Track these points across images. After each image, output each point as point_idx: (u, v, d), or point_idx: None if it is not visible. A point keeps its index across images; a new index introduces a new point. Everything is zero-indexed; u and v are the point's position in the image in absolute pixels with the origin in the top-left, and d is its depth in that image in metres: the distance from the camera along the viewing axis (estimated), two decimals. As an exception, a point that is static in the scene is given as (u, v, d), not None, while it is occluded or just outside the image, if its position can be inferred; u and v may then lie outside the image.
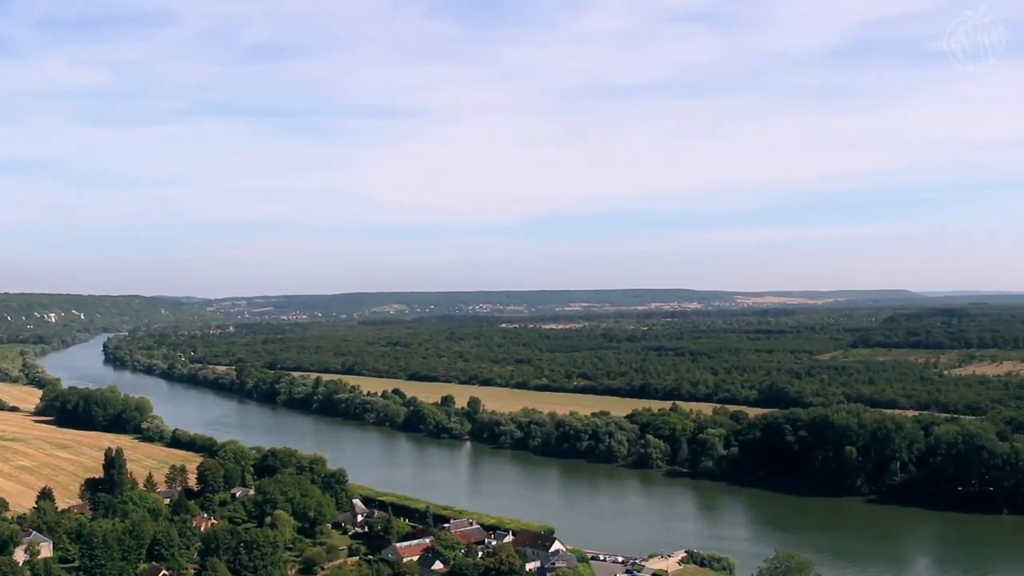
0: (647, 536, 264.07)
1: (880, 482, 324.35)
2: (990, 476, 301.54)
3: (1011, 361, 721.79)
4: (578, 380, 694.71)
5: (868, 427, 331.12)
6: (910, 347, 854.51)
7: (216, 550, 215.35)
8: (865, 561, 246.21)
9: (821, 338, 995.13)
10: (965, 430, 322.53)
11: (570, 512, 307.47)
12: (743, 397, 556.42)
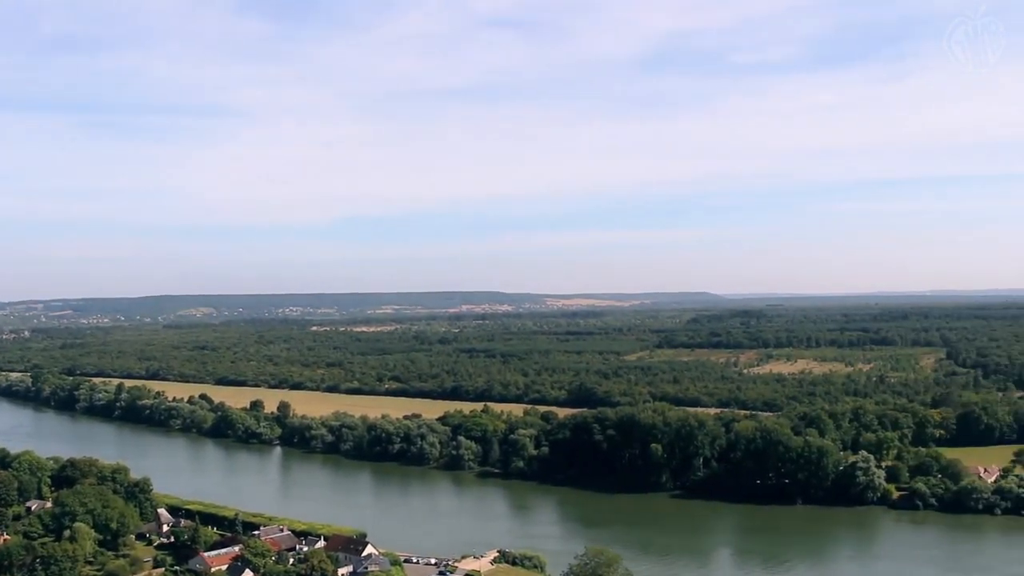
0: (460, 537, 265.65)
1: (684, 478, 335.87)
2: (786, 469, 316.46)
3: (804, 360, 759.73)
4: (390, 383, 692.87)
5: (673, 425, 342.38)
6: (712, 347, 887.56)
7: (10, 567, 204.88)
8: (672, 554, 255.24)
9: (628, 339, 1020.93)
10: (763, 426, 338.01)
11: (383, 515, 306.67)
12: (553, 398, 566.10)
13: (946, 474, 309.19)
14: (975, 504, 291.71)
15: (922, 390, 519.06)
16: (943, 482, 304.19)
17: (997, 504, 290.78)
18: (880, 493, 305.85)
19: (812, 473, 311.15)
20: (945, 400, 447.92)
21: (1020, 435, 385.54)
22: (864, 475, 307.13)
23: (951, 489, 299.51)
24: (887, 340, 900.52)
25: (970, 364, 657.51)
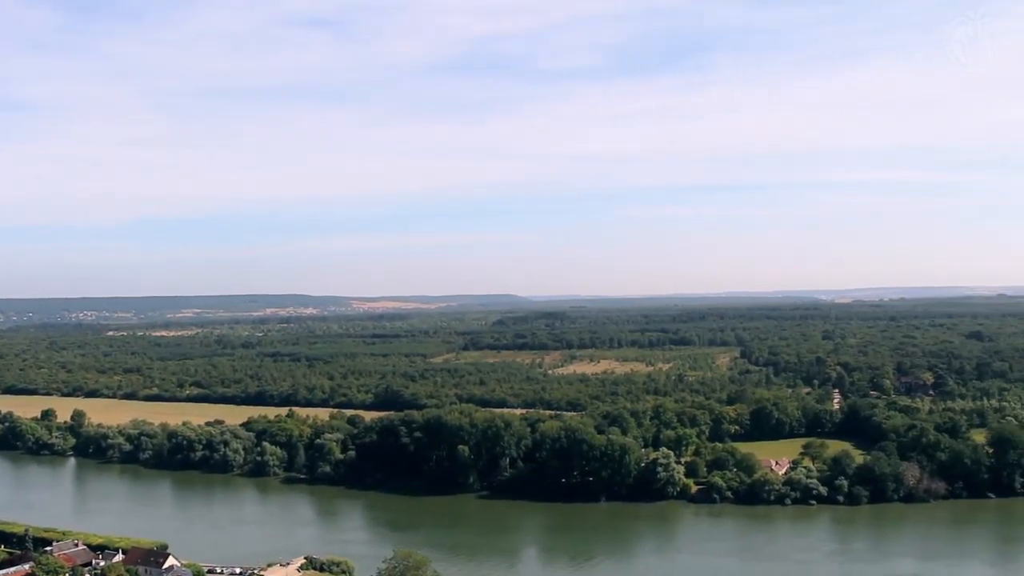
0: (265, 545, 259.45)
1: (492, 478, 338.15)
2: (590, 467, 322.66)
3: (607, 360, 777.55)
4: (191, 388, 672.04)
5: (479, 426, 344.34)
6: (517, 348, 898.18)
7: None
8: (481, 554, 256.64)
9: (434, 341, 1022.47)
10: (567, 425, 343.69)
11: (185, 526, 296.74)
12: (360, 401, 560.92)
13: (741, 468, 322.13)
14: (767, 496, 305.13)
15: (718, 388, 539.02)
16: (738, 475, 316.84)
17: (788, 495, 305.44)
18: (680, 488, 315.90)
19: (615, 470, 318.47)
20: (740, 397, 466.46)
21: (808, 429, 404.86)
22: (664, 471, 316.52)
23: (746, 482, 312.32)
24: (685, 340, 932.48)
25: (762, 362, 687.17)
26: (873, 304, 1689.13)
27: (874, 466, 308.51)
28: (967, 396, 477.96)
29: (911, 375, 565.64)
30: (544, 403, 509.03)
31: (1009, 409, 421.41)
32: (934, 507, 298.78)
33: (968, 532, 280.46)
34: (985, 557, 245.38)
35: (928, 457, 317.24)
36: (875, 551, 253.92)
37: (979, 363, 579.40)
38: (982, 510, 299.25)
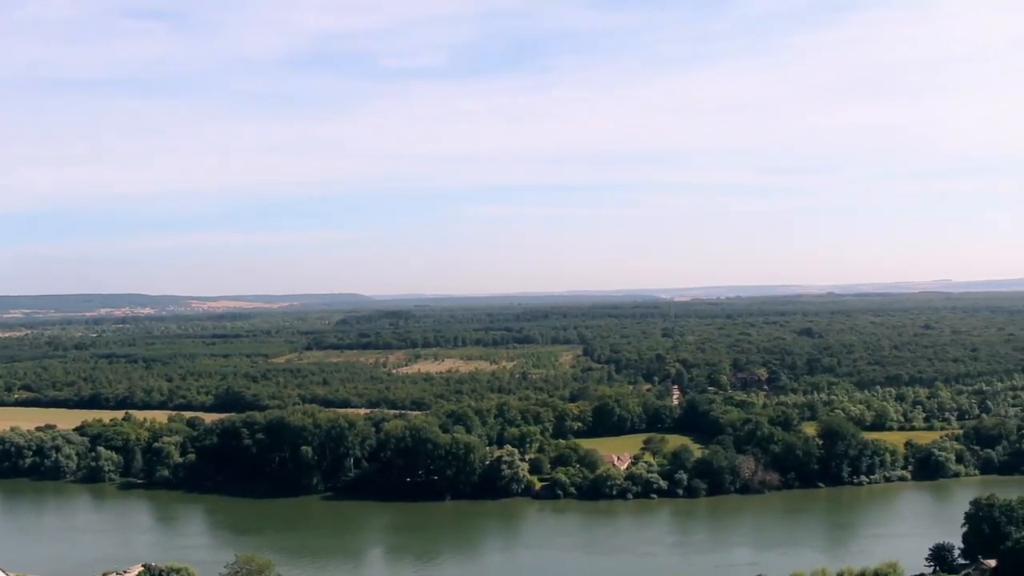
0: (100, 553, 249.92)
1: (336, 479, 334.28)
2: (435, 466, 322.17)
3: (451, 359, 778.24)
4: (20, 392, 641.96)
5: (323, 427, 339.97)
6: (362, 348, 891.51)
7: None
8: (325, 556, 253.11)
9: (277, 341, 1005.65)
10: (412, 425, 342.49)
11: (12, 537, 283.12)
12: (200, 403, 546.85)
13: (584, 464, 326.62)
14: (610, 490, 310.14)
15: (561, 385, 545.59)
16: (581, 471, 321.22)
17: (629, 489, 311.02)
18: (524, 485, 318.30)
19: (460, 469, 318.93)
20: (582, 394, 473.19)
21: (649, 424, 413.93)
22: (509, 468, 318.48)
23: (588, 477, 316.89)
24: (529, 338, 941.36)
25: (604, 360, 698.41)
26: (711, 302, 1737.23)
27: (712, 459, 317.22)
28: (799, 390, 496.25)
29: (746, 371, 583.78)
30: (388, 402, 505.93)
31: (837, 402, 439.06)
32: (768, 498, 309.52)
33: (800, 521, 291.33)
34: (816, 544, 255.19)
35: (763, 450, 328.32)
36: (714, 542, 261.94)
37: (810, 359, 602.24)
38: (813, 499, 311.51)
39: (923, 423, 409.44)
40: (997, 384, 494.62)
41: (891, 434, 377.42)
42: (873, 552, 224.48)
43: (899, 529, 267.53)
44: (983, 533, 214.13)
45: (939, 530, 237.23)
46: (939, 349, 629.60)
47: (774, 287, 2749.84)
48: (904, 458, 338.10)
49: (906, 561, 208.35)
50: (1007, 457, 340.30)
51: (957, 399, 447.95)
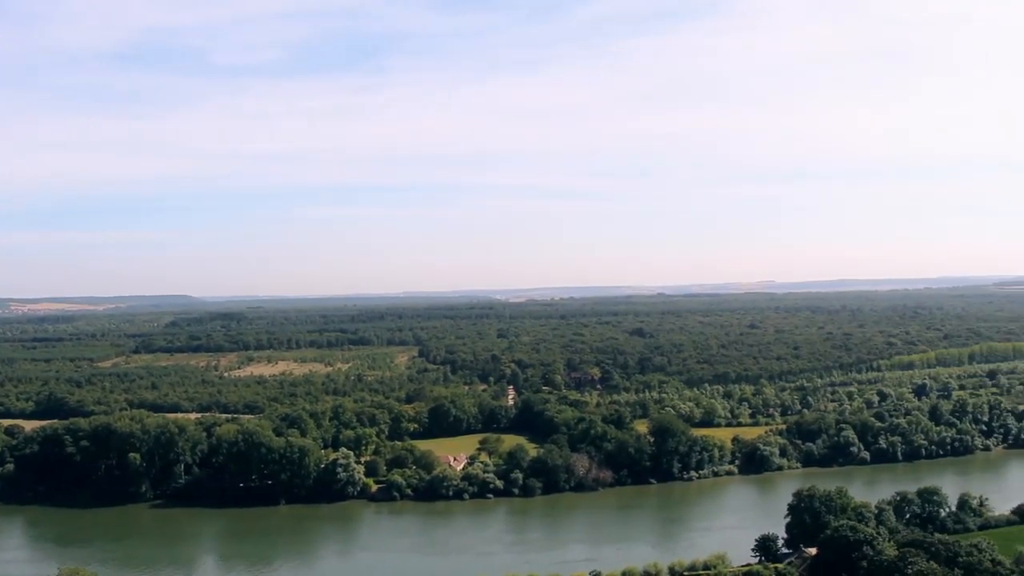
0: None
1: (166, 486, 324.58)
2: (269, 470, 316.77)
3: (285, 361, 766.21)
4: None
5: (152, 432, 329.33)
6: (192, 351, 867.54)
7: None
8: (155, 566, 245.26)
9: (102, 345, 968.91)
10: (245, 429, 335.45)
11: None
12: (19, 410, 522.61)
13: (420, 465, 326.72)
14: (447, 491, 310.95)
15: (397, 387, 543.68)
16: (417, 473, 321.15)
17: (466, 489, 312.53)
18: (360, 487, 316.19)
19: (295, 472, 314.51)
20: (418, 395, 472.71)
21: (485, 425, 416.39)
22: (344, 471, 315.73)
23: (425, 479, 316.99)
24: (364, 340, 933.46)
25: (440, 361, 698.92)
26: (545, 303, 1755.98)
27: (547, 458, 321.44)
28: (631, 389, 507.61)
29: (580, 371, 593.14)
30: (220, 406, 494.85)
31: (668, 400, 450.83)
32: (602, 495, 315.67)
33: (633, 516, 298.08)
34: (649, 539, 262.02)
35: (596, 448, 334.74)
36: (551, 539, 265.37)
37: (641, 358, 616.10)
38: (645, 495, 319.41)
39: (749, 419, 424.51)
40: (817, 380, 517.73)
41: (719, 430, 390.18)
42: (703, 545, 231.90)
43: (727, 522, 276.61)
44: (805, 523, 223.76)
45: (765, 521, 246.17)
46: (764, 348, 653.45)
47: (607, 288, 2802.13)
48: (731, 453, 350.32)
49: (734, 552, 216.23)
50: (826, 450, 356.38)
51: (781, 395, 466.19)
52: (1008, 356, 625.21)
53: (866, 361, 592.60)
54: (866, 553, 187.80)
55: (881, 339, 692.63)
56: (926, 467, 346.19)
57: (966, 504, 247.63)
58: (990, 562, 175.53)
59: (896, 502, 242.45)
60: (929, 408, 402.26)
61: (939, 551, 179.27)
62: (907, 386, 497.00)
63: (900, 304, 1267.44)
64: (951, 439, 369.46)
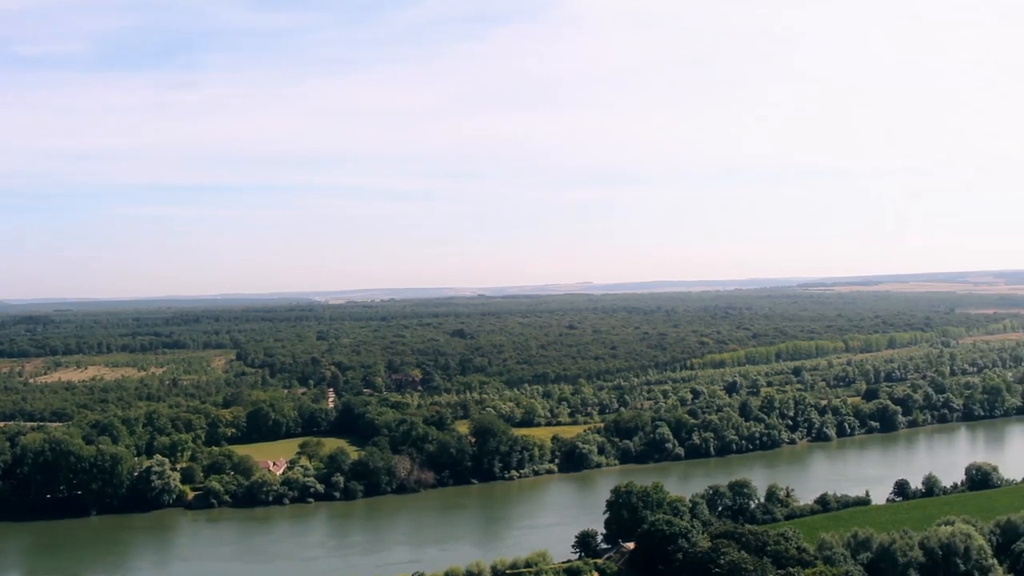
0: None
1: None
2: (78, 480, 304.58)
3: (95, 366, 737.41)
4: None
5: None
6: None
7: None
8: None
9: None
10: (52, 437, 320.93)
11: None
12: None
13: (239, 471, 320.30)
14: (266, 497, 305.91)
15: (214, 391, 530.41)
16: (236, 478, 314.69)
17: (286, 494, 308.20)
18: (176, 495, 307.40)
19: (106, 481, 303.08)
20: (236, 399, 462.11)
21: (305, 428, 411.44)
22: (160, 479, 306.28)
23: (244, 484, 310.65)
24: (180, 343, 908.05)
25: (258, 364, 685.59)
26: (365, 305, 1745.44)
27: (368, 461, 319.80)
28: (452, 390, 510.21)
29: (401, 372, 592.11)
30: (26, 414, 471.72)
31: (488, 401, 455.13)
32: (424, 496, 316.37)
33: (456, 517, 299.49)
34: (472, 539, 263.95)
35: (418, 449, 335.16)
36: (374, 542, 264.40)
37: (462, 359, 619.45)
38: (467, 495, 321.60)
39: (568, 418, 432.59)
40: (633, 379, 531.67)
41: (539, 429, 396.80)
42: (525, 543, 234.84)
43: (548, 519, 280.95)
44: (623, 518, 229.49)
45: (585, 518, 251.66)
46: (582, 348, 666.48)
47: (428, 289, 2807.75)
48: (551, 452, 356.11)
49: (555, 549, 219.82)
50: (643, 447, 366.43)
51: (599, 395, 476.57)
52: (811, 354, 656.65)
53: (680, 360, 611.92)
54: (681, 545, 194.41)
55: (694, 339, 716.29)
56: (737, 461, 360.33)
57: (774, 495, 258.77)
58: (795, 549, 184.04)
59: (709, 495, 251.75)
60: (739, 405, 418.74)
61: (749, 541, 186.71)
62: (719, 384, 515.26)
63: (712, 305, 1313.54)
64: (760, 434, 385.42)
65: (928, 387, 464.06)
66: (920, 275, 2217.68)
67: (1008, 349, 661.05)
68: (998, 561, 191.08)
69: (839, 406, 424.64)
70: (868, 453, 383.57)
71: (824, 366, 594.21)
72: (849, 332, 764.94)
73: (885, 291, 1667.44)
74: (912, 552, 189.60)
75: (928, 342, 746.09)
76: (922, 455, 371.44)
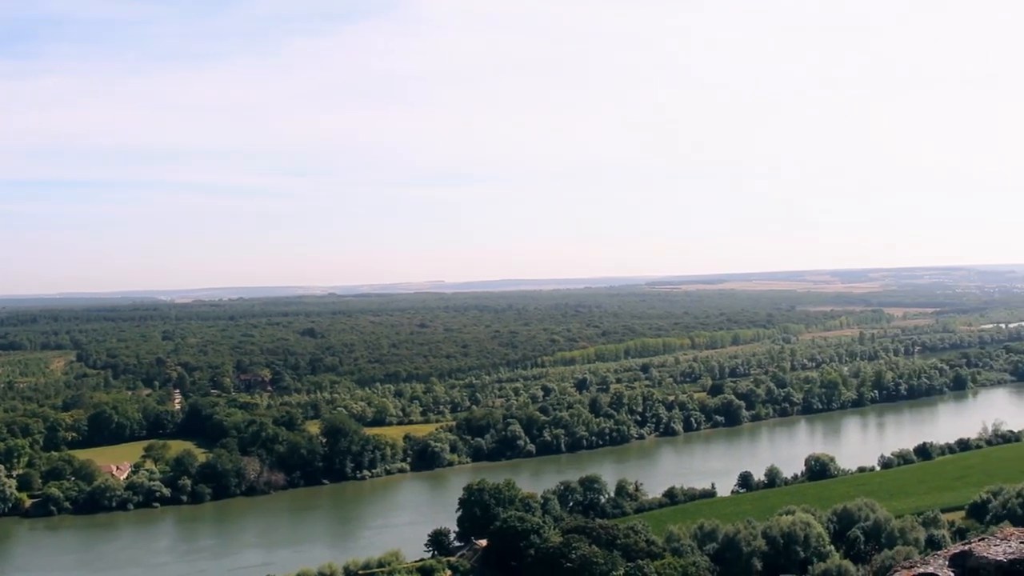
0: None
1: None
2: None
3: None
4: None
5: None
6: None
7: None
8: None
9: None
10: None
11: None
12: None
13: (80, 476, 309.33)
14: (109, 502, 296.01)
15: (53, 393, 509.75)
16: (77, 484, 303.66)
17: (130, 499, 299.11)
18: (12, 503, 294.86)
19: None
20: (77, 402, 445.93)
21: (150, 431, 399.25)
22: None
23: (85, 490, 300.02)
24: (16, 345, 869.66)
25: (101, 365, 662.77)
26: (213, 304, 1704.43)
27: (216, 463, 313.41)
28: (302, 390, 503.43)
29: (250, 372, 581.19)
30: None
31: (340, 400, 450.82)
32: (275, 498, 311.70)
33: (308, 518, 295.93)
34: (325, 540, 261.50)
35: (268, 450, 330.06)
36: (225, 546, 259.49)
37: (313, 358, 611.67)
38: (318, 496, 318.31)
39: (420, 417, 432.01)
40: (485, 377, 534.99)
41: (391, 429, 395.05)
42: (378, 543, 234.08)
43: (402, 519, 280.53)
44: (475, 516, 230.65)
45: (438, 516, 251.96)
46: (434, 346, 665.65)
47: (277, 288, 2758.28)
48: (403, 451, 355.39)
49: (408, 548, 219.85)
50: (495, 444, 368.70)
51: (451, 393, 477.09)
52: (659, 351, 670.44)
53: (531, 358, 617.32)
54: (533, 541, 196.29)
55: (545, 336, 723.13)
56: (587, 457, 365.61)
57: (623, 490, 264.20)
58: (645, 542, 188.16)
59: (560, 491, 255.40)
60: (589, 401, 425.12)
61: (600, 535, 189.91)
62: (569, 381, 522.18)
63: (562, 303, 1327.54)
64: (609, 430, 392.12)
65: (770, 382, 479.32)
66: (763, 274, 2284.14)
67: (844, 345, 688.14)
68: (835, 547, 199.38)
69: (686, 401, 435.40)
70: (713, 447, 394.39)
71: (671, 363, 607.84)
72: (695, 329, 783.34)
73: (730, 289, 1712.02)
74: (756, 541, 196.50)
75: (770, 339, 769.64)
76: (764, 448, 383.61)
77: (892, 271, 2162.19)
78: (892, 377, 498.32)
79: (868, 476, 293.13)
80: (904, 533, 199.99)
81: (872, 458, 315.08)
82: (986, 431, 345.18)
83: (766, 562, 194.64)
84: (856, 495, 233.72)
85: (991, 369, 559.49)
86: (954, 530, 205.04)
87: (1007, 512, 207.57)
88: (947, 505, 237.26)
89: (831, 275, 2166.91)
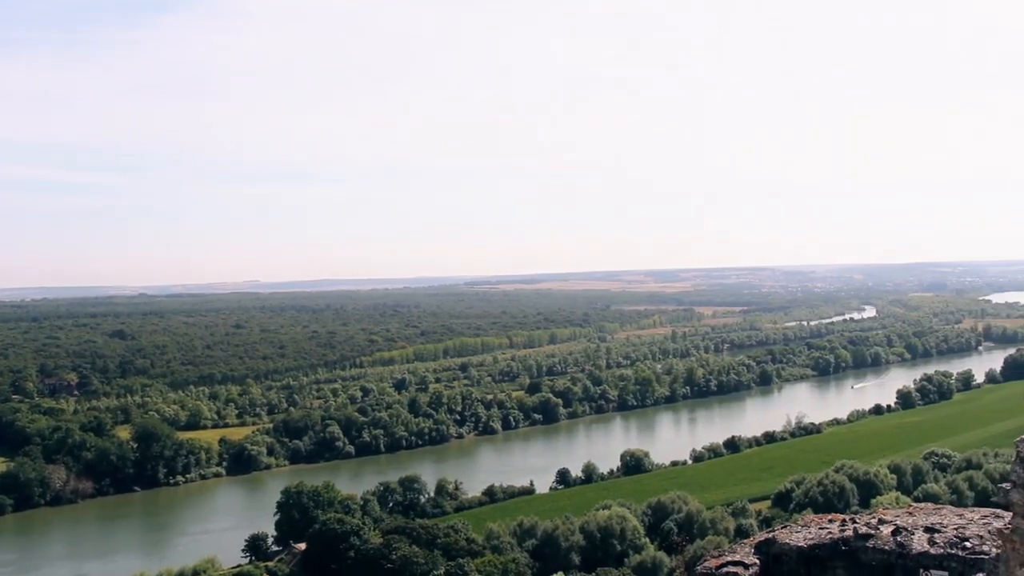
0: None
1: None
2: None
3: None
4: None
5: None
6: None
7: None
8: None
9: None
10: None
11: None
12: None
13: None
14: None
15: None
16: None
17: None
18: None
19: None
20: None
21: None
22: None
23: None
24: None
25: None
26: (15, 304, 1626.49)
27: (18, 472, 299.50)
28: (112, 394, 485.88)
29: (56, 376, 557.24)
30: None
31: (152, 404, 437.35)
32: (82, 507, 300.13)
33: (119, 527, 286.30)
34: (138, 548, 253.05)
35: (75, 458, 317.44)
36: (29, 560, 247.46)
37: (123, 361, 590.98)
38: (129, 504, 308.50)
39: (236, 420, 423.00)
40: (303, 379, 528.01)
41: (206, 432, 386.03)
42: (194, 550, 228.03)
43: (219, 524, 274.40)
44: (294, 519, 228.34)
45: (257, 521, 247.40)
46: (250, 347, 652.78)
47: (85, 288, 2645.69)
48: (219, 455, 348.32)
49: (225, 554, 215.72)
50: (313, 446, 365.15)
51: (267, 395, 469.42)
52: (478, 350, 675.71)
53: (350, 358, 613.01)
54: (353, 543, 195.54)
55: (363, 336, 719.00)
56: (407, 457, 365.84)
57: (443, 489, 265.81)
58: (465, 540, 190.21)
59: (380, 492, 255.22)
60: (408, 401, 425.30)
61: (420, 535, 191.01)
62: (388, 381, 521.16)
63: (381, 303, 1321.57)
64: (429, 429, 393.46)
65: (586, 380, 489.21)
66: (579, 274, 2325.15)
67: (657, 343, 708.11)
68: (650, 540, 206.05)
69: (504, 400, 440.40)
70: (532, 445, 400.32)
71: (490, 362, 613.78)
72: (513, 329, 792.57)
73: (547, 289, 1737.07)
74: (574, 536, 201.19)
75: (586, 337, 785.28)
76: (582, 444, 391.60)
77: (702, 271, 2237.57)
78: (703, 374, 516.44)
79: (681, 470, 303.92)
80: (715, 523, 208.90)
81: (684, 452, 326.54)
82: (790, 424, 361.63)
83: (584, 556, 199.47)
84: (669, 488, 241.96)
85: (794, 365, 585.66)
86: (761, 519, 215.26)
87: (809, 500, 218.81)
88: (754, 495, 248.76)
89: (645, 275, 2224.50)
